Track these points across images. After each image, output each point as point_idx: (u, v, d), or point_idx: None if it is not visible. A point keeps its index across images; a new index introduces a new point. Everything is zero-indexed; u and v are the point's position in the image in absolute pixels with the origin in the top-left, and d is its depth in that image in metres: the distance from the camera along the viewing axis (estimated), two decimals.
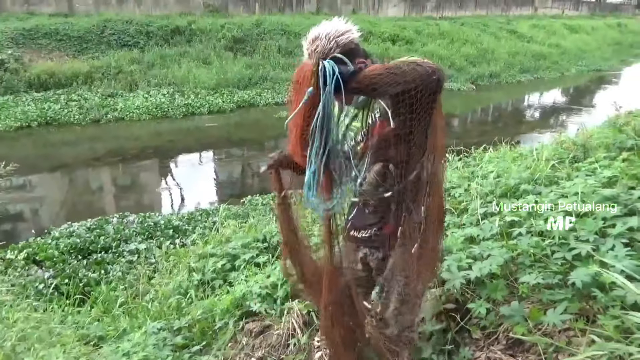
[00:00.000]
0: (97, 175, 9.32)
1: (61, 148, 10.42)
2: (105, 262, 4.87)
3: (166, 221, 5.89)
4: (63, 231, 5.59)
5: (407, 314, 1.79)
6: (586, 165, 3.16)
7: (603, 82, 21.23)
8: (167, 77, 14.26)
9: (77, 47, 14.44)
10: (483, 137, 8.39)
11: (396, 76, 1.24)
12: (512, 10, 32.03)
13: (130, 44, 15.18)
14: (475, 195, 3.19)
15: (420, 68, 1.26)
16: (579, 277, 1.83)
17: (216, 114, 13.09)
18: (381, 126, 1.53)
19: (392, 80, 1.24)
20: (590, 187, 2.54)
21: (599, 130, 4.32)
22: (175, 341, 2.67)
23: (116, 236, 5.42)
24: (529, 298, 2.07)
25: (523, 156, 4.33)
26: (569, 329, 1.84)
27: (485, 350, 2.00)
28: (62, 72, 13.11)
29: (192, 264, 3.84)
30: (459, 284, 2.18)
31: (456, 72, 18.65)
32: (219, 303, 2.97)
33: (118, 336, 2.94)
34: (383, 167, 1.55)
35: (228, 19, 17.92)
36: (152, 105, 12.66)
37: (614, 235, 2.03)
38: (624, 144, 3.32)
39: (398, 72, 1.25)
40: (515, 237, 2.36)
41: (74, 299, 3.91)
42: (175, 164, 10.09)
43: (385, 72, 1.25)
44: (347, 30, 1.49)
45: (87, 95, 12.73)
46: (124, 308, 3.57)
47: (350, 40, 1.48)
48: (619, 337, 1.59)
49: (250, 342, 2.62)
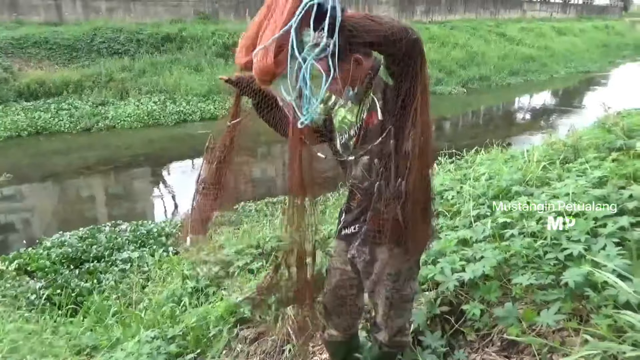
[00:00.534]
0: (88, 184, 9.25)
1: (52, 157, 10.34)
2: (98, 271, 4.83)
3: (159, 229, 5.86)
4: (54, 241, 5.54)
5: (396, 318, 1.79)
6: (577, 165, 3.18)
7: (592, 83, 21.46)
8: (158, 84, 14.21)
9: (67, 55, 14.37)
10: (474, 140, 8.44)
11: (374, 23, 1.23)
12: (501, 14, 32.33)
13: (121, 51, 15.13)
14: (468, 198, 3.20)
15: (399, 24, 1.26)
16: (572, 277, 1.84)
17: (208, 120, 13.05)
18: (370, 119, 1.55)
19: (370, 25, 1.23)
20: (581, 187, 2.56)
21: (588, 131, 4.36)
22: (169, 349, 2.65)
23: (108, 245, 5.38)
24: (522, 299, 2.08)
25: (514, 158, 4.36)
26: (562, 329, 1.85)
27: (480, 352, 2.00)
28: (52, 81, 13.04)
29: (186, 272, 3.82)
30: (453, 286, 2.18)
31: (446, 76, 18.77)
32: (213, 310, 2.95)
33: (111, 346, 2.91)
34: (369, 160, 1.57)
35: (219, 26, 17.92)
36: (143, 112, 12.62)
37: (606, 234, 2.05)
38: (613, 145, 3.35)
39: (376, 19, 1.24)
40: (508, 238, 2.37)
41: (66, 309, 3.86)
42: (168, 172, 10.05)
43: (367, 18, 1.24)
44: None
45: (78, 104, 12.66)
46: (117, 317, 3.54)
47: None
48: (611, 336, 1.60)
49: (245, 349, 2.61)
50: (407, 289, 1.74)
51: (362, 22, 1.23)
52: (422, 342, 2.04)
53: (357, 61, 1.54)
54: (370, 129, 1.55)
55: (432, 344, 2.02)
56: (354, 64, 1.53)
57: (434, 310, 2.22)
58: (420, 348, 2.02)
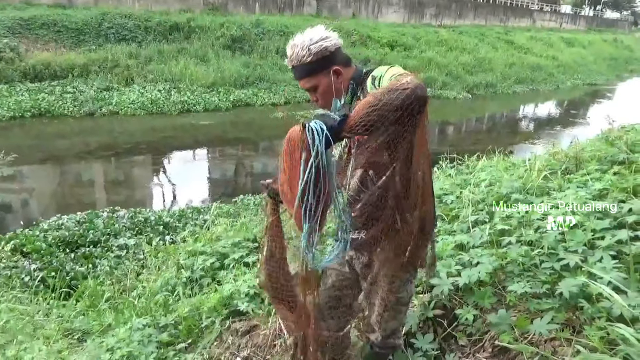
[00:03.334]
0: (88, 168, 9.25)
1: (54, 140, 10.34)
2: (94, 256, 4.83)
3: (157, 217, 5.86)
4: (52, 223, 5.54)
5: (390, 320, 1.79)
6: (578, 177, 3.18)
7: (597, 96, 21.44)
8: (163, 73, 14.21)
9: (75, 39, 14.37)
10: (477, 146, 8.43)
11: (382, 112, 1.22)
12: (511, 21, 32.30)
13: (128, 38, 15.13)
14: (467, 203, 3.20)
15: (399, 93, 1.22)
16: (567, 287, 1.84)
17: (212, 112, 13.07)
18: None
19: (379, 117, 1.22)
20: (581, 198, 2.56)
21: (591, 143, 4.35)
22: (160, 338, 2.65)
23: (105, 230, 5.37)
24: (516, 306, 2.07)
25: (515, 166, 4.35)
26: (554, 339, 1.85)
27: (471, 357, 2.00)
28: (57, 64, 13.04)
29: (181, 261, 3.82)
30: (447, 290, 2.18)
31: (453, 80, 18.76)
32: (206, 301, 2.94)
33: (103, 331, 2.91)
34: (364, 172, 1.55)
35: (227, 18, 17.92)
36: (147, 100, 12.62)
37: (603, 247, 2.04)
38: (615, 158, 3.35)
39: (382, 107, 1.22)
40: (505, 245, 2.37)
41: (60, 292, 3.87)
42: (169, 161, 10.05)
43: (371, 112, 1.22)
44: (322, 39, 1.52)
45: (83, 88, 12.66)
46: (110, 303, 3.54)
47: (324, 48, 1.51)
48: (604, 348, 1.59)
49: (236, 342, 2.61)
50: (404, 292, 1.74)
51: (369, 120, 1.23)
52: (414, 345, 2.04)
53: (336, 72, 1.56)
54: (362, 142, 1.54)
55: (423, 346, 2.01)
56: (334, 75, 1.54)
57: (427, 313, 2.22)
58: (411, 350, 2.02)
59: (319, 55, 1.52)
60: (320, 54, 1.52)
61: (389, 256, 1.57)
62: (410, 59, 19.12)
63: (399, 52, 19.62)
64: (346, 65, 1.60)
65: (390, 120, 1.24)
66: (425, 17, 26.87)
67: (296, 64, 1.55)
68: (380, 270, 1.65)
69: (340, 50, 1.58)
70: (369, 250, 1.64)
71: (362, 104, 1.26)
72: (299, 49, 1.51)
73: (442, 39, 22.55)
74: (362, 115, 1.24)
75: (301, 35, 1.53)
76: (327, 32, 1.55)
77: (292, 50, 1.53)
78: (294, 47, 1.53)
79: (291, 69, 1.60)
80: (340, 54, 1.59)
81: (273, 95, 14.47)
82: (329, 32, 1.55)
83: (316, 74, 1.56)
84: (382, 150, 1.41)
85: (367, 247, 1.64)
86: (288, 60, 1.58)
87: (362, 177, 1.55)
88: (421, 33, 22.51)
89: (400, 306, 1.77)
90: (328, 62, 1.55)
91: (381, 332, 1.83)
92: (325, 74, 1.55)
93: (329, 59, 1.54)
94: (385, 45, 19.72)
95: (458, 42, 22.83)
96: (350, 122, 1.24)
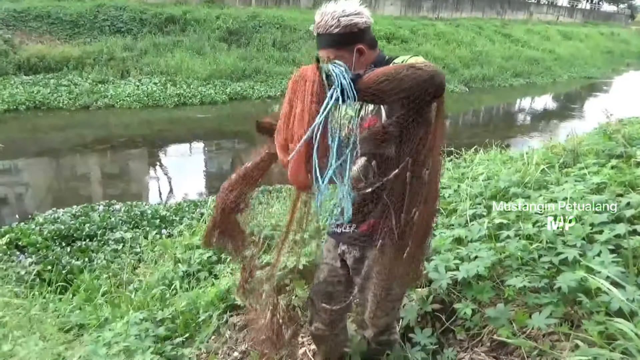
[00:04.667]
0: (84, 161, 9.20)
1: (49, 133, 10.27)
2: (90, 250, 4.81)
3: (153, 211, 5.83)
4: (47, 217, 5.51)
5: (382, 317, 1.78)
6: (575, 170, 3.18)
7: (594, 89, 21.45)
8: (159, 65, 14.11)
9: (69, 31, 14.24)
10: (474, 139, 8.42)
11: (396, 84, 1.19)
12: (508, 14, 32.19)
13: (123, 30, 15.00)
14: (465, 197, 3.19)
15: (420, 72, 1.20)
16: (565, 281, 1.84)
17: (208, 105, 12.99)
18: (372, 121, 1.51)
19: (392, 89, 1.19)
20: (579, 192, 2.56)
21: (589, 136, 4.35)
22: (157, 332, 2.64)
23: (102, 224, 5.34)
24: (514, 301, 2.07)
25: (513, 159, 4.35)
26: (553, 333, 1.85)
27: (469, 351, 2.00)
28: (52, 56, 12.92)
29: (178, 255, 3.80)
30: (446, 285, 2.18)
31: (450, 74, 18.69)
32: (203, 295, 2.94)
33: (99, 325, 2.89)
34: (366, 162, 1.52)
35: (223, 10, 17.78)
36: (143, 93, 12.53)
37: (601, 241, 2.04)
38: (613, 151, 3.35)
39: (397, 79, 1.19)
40: (503, 239, 2.37)
41: (56, 286, 3.84)
42: (165, 154, 10.00)
43: (385, 81, 1.20)
44: (354, 13, 1.47)
45: (78, 81, 12.56)
46: (107, 297, 3.52)
47: (354, 24, 1.47)
48: (602, 343, 1.59)
49: (234, 336, 2.60)
50: (396, 288, 1.72)
51: (382, 89, 1.20)
52: (412, 339, 2.04)
53: (360, 51, 1.51)
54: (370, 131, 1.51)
55: (422, 341, 2.01)
56: (357, 54, 1.50)
57: (425, 307, 2.22)
58: (409, 345, 2.02)
59: (347, 29, 1.47)
60: (349, 28, 1.47)
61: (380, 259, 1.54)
62: (407, 52, 19.05)
63: (395, 45, 19.54)
64: (371, 47, 1.56)
65: (401, 97, 1.21)
66: (422, 9, 26.74)
67: (322, 32, 1.50)
68: (373, 267, 1.64)
69: (369, 30, 1.54)
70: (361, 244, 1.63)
71: (377, 72, 1.23)
72: (329, 17, 1.46)
73: (439, 32, 22.46)
74: (374, 81, 1.20)
75: (334, 4, 1.48)
76: (361, 7, 1.50)
77: (322, 18, 1.48)
78: (323, 15, 1.47)
79: (316, 36, 1.54)
80: (369, 34, 1.54)
81: (270, 88, 14.39)
82: (362, 8, 1.51)
83: (340, 48, 1.50)
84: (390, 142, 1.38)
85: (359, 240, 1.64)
86: (315, 26, 1.51)
87: (365, 167, 1.52)
88: (418, 26, 22.42)
89: (392, 302, 1.74)
90: (355, 38, 1.49)
91: (373, 328, 1.82)
92: (349, 50, 1.49)
93: (356, 35, 1.49)
94: (382, 38, 19.61)
95: (455, 35, 22.74)
96: (361, 84, 1.20)
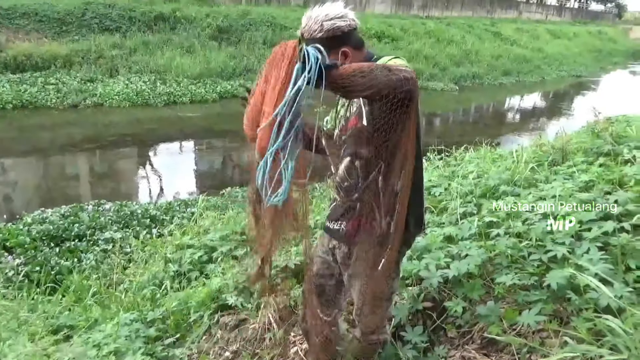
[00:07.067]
0: (73, 161, 9.10)
1: (37, 132, 10.14)
2: (79, 250, 4.76)
3: (143, 210, 5.79)
4: (36, 217, 5.44)
5: (369, 315, 1.77)
6: (564, 168, 3.21)
7: (582, 88, 21.66)
8: (149, 64, 13.99)
9: (57, 29, 14.06)
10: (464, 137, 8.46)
11: (367, 80, 1.22)
12: (497, 13, 32.42)
13: (112, 28, 14.85)
14: (455, 195, 3.21)
15: (393, 76, 1.23)
16: (554, 279, 1.86)
17: (198, 103, 12.92)
18: (354, 121, 1.53)
19: (362, 83, 1.22)
20: (568, 190, 2.58)
21: (577, 134, 4.40)
22: (148, 333, 2.62)
23: (91, 224, 5.29)
24: (504, 298, 2.09)
25: (503, 158, 4.38)
26: (542, 330, 1.87)
27: (460, 349, 2.01)
28: (40, 54, 12.75)
29: (169, 255, 3.78)
30: (437, 283, 2.19)
31: (440, 72, 18.79)
32: (194, 295, 2.92)
33: (89, 326, 2.87)
34: (350, 162, 1.53)
35: (214, 8, 17.69)
36: (132, 92, 12.42)
37: (590, 238, 2.06)
38: (601, 150, 3.38)
39: (370, 77, 1.22)
40: (494, 237, 2.39)
41: (45, 287, 3.80)
42: (155, 153, 9.93)
43: (359, 75, 1.23)
44: (337, 17, 1.49)
45: (66, 79, 12.41)
46: (97, 298, 3.49)
47: (337, 27, 1.48)
48: (591, 339, 1.61)
49: (225, 336, 2.59)
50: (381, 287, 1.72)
51: (354, 83, 1.23)
52: (403, 337, 2.05)
53: (344, 54, 1.53)
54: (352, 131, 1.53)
55: (413, 339, 2.02)
56: (342, 57, 1.51)
57: (416, 306, 2.23)
58: (400, 343, 2.02)
59: (330, 33, 1.48)
60: (332, 32, 1.48)
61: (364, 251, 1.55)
62: (397, 50, 19.08)
63: (386, 43, 19.57)
64: (357, 48, 1.56)
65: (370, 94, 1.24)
66: (412, 8, 26.83)
67: (307, 37, 1.51)
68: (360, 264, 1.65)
69: (354, 32, 1.55)
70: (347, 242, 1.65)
71: (354, 65, 1.26)
72: (313, 22, 1.48)
73: (430, 30, 22.53)
74: (349, 73, 1.24)
75: (319, 8, 1.49)
76: (345, 10, 1.51)
77: (306, 23, 1.50)
78: (308, 20, 1.49)
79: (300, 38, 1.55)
80: (354, 36, 1.56)
81: None
82: (346, 11, 1.52)
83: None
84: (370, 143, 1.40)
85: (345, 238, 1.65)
86: (300, 29, 1.54)
87: (349, 166, 1.54)
88: (408, 24, 22.46)
89: (378, 301, 1.75)
90: (339, 41, 1.51)
91: (362, 327, 1.82)
92: (334, 54, 1.50)
93: (340, 39, 1.51)
94: (372, 36, 19.63)
95: (445, 33, 22.83)
96: (335, 74, 1.23)
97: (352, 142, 1.51)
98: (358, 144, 1.48)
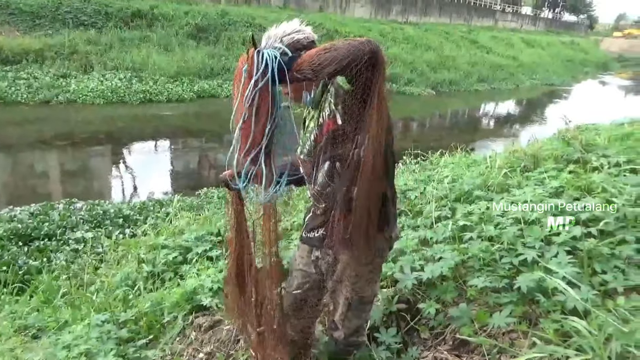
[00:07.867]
0: (43, 158, 8.87)
1: (6, 128, 9.86)
2: (49, 249, 4.64)
3: (116, 210, 5.68)
4: (3, 216, 5.28)
5: (353, 319, 1.81)
6: (536, 174, 3.29)
7: (554, 96, 22.23)
8: (125, 61, 13.78)
9: (29, 22, 13.71)
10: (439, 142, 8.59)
11: (331, 53, 1.27)
12: (474, 21, 33.04)
13: (87, 23, 14.55)
14: (430, 199, 3.26)
15: (354, 42, 1.28)
16: (524, 282, 1.91)
17: (175, 102, 12.78)
18: (329, 125, 1.54)
19: (328, 58, 1.26)
20: (539, 196, 2.65)
21: (548, 142, 4.51)
22: (120, 334, 2.57)
23: (61, 223, 5.17)
24: (476, 300, 2.13)
25: (477, 163, 4.47)
26: (512, 331, 1.91)
27: (433, 350, 2.04)
28: (10, 48, 12.42)
29: (142, 255, 3.72)
30: (411, 285, 2.22)
31: (418, 77, 19.04)
32: (168, 296, 2.89)
33: (59, 328, 2.80)
34: (331, 165, 1.56)
35: (192, 7, 17.53)
36: (107, 89, 12.20)
37: (559, 243, 2.12)
38: (571, 157, 3.49)
39: (332, 49, 1.27)
40: (467, 241, 2.43)
41: (13, 287, 3.70)
42: (129, 152, 9.76)
43: (322, 52, 1.28)
44: (295, 31, 1.52)
45: (38, 74, 12.12)
46: (67, 299, 3.41)
47: (296, 41, 1.51)
48: (558, 340, 1.66)
49: (199, 337, 2.57)
50: (368, 291, 1.75)
51: (318, 60, 1.27)
52: (377, 339, 2.07)
53: None
54: (329, 135, 1.55)
55: (387, 340, 2.04)
56: None
57: (390, 307, 2.25)
58: (375, 344, 2.04)
59: (290, 48, 1.50)
60: (292, 46, 1.50)
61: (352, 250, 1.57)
62: None
63: None
64: None
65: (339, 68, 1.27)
66: (391, 13, 27.12)
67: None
68: (345, 270, 1.67)
69: (313, 45, 1.57)
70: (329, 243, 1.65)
71: (315, 48, 1.32)
72: (272, 40, 1.50)
73: (408, 36, 22.82)
74: (311, 55, 1.29)
75: (276, 28, 1.52)
76: (301, 26, 1.55)
77: (266, 41, 1.52)
78: (267, 39, 1.52)
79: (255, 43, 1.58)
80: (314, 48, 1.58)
81: None
82: (303, 26, 1.55)
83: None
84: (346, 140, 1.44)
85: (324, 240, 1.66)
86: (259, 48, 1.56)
87: (329, 170, 1.56)
88: (387, 29, 22.71)
89: (363, 305, 1.79)
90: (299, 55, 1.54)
91: (345, 330, 1.84)
92: None
93: (301, 52, 1.53)
94: None
95: (423, 39, 23.17)
96: (300, 61, 1.30)
97: (330, 145, 1.52)
98: (336, 144, 1.50)
